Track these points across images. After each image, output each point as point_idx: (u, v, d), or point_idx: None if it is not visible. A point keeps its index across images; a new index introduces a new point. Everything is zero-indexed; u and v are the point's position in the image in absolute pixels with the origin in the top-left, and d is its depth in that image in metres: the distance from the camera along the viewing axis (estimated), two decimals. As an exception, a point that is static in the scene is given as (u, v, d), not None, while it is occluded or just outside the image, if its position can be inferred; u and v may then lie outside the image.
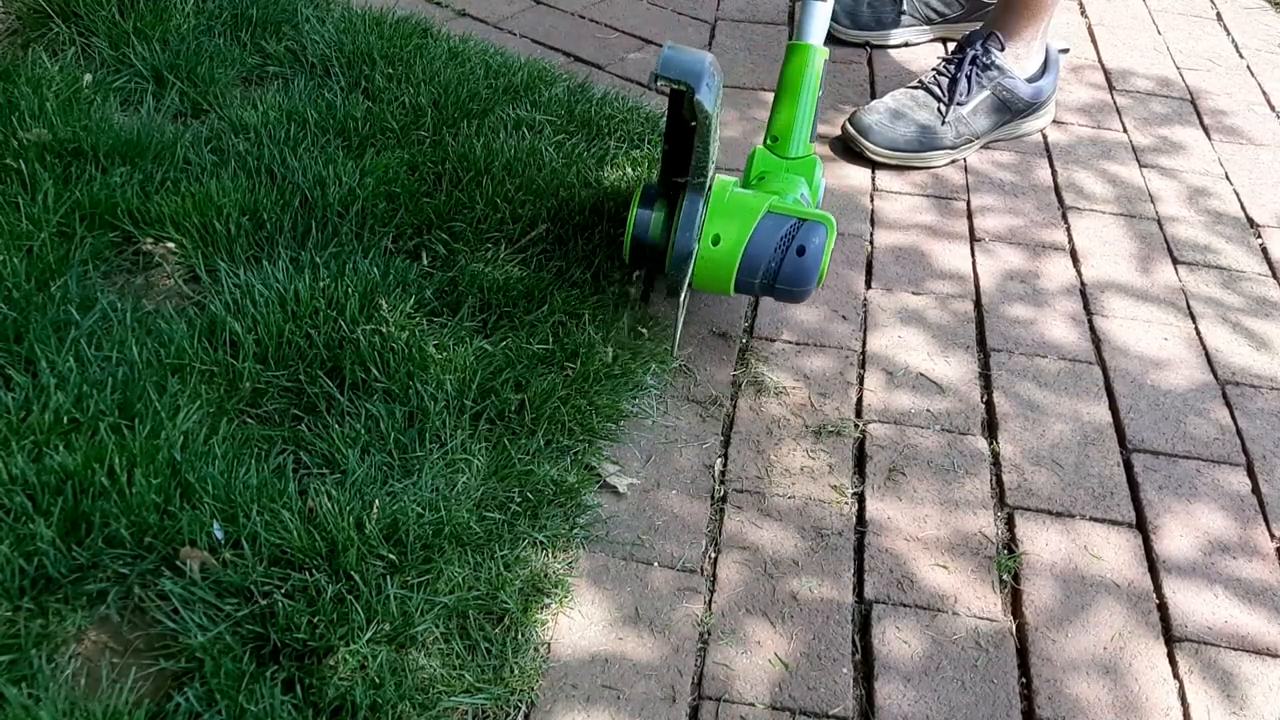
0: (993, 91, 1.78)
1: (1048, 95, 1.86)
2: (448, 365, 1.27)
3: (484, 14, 2.06)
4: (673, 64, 1.15)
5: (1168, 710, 1.06)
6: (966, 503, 1.24)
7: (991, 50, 1.78)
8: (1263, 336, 1.52)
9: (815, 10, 1.38)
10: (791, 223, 1.27)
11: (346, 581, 1.04)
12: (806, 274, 1.28)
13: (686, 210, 1.25)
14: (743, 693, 1.04)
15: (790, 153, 1.39)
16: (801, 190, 1.36)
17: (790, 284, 1.28)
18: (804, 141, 1.39)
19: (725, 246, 1.27)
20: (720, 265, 1.27)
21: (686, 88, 1.14)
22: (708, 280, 1.29)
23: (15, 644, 0.97)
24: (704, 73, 1.14)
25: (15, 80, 1.60)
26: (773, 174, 1.38)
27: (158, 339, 1.26)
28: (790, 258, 1.27)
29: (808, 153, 1.40)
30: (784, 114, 1.38)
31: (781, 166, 1.38)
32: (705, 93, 1.14)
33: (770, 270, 1.27)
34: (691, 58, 1.16)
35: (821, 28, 1.38)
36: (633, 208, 1.33)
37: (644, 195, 1.34)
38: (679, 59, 1.15)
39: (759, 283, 1.29)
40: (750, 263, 1.27)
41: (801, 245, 1.26)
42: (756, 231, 1.27)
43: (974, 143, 1.81)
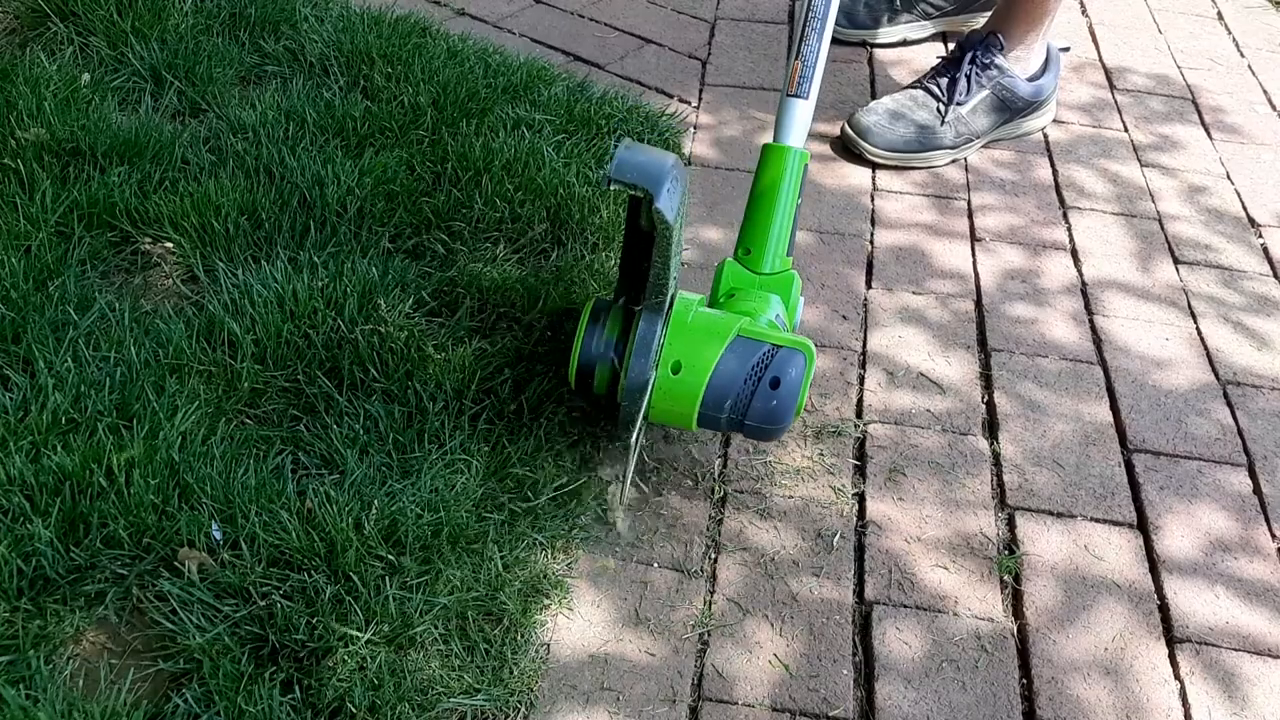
0: (992, 91, 1.77)
1: (1048, 94, 1.85)
2: (447, 365, 1.27)
3: (483, 13, 2.06)
4: (628, 166, 0.99)
5: (1169, 711, 1.06)
6: (967, 503, 1.24)
7: (991, 50, 1.77)
8: (1264, 336, 1.51)
9: (795, 109, 1.24)
10: (765, 349, 1.10)
11: (345, 582, 1.04)
12: (781, 411, 1.10)
13: (643, 332, 1.10)
14: (743, 693, 1.04)
15: (764, 268, 1.22)
16: (776, 311, 1.20)
17: (761, 421, 1.11)
18: (780, 255, 1.22)
19: (687, 375, 1.09)
20: (681, 397, 1.10)
21: (644, 194, 0.98)
22: (666, 413, 1.12)
23: (13, 645, 0.97)
24: (664, 176, 0.99)
25: (13, 79, 1.60)
26: (744, 291, 1.21)
27: (156, 339, 1.25)
28: (763, 391, 1.09)
29: (785, 268, 1.23)
30: (758, 224, 1.22)
31: (754, 283, 1.22)
32: (665, 200, 0.99)
33: (740, 404, 1.10)
34: (649, 159, 1.01)
35: (802, 128, 1.24)
36: (580, 326, 1.16)
37: (594, 312, 1.17)
38: (635, 160, 1.00)
39: (725, 418, 1.11)
40: (716, 395, 1.10)
41: (776, 376, 1.09)
42: (724, 359, 1.09)
43: (974, 142, 1.80)
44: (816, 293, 1.51)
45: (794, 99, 1.25)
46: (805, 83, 1.25)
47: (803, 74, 1.26)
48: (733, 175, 1.71)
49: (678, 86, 1.92)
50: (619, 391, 1.13)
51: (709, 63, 2.00)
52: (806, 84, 1.25)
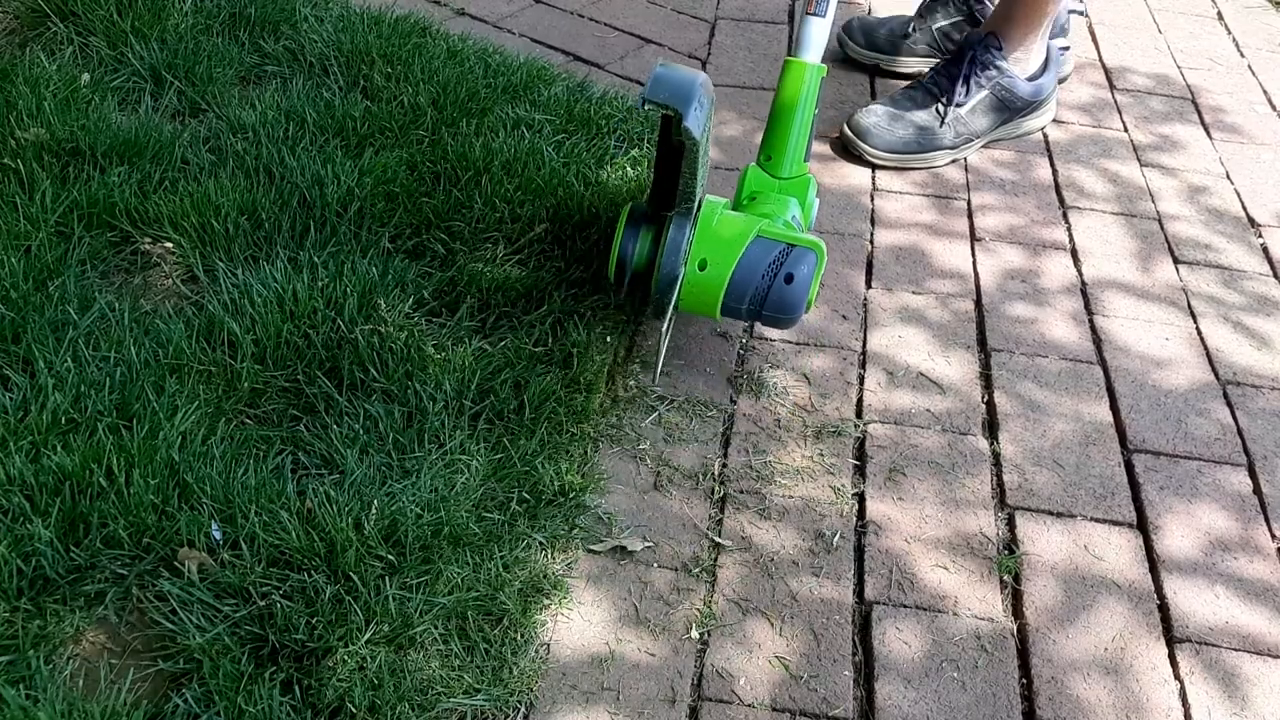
0: (991, 91, 1.77)
1: (1048, 93, 1.84)
2: (446, 365, 1.27)
3: (483, 13, 2.06)
4: (662, 86, 1.11)
5: (1169, 711, 1.06)
6: (967, 503, 1.24)
7: (990, 50, 1.76)
8: (1264, 336, 1.51)
9: (813, 26, 1.35)
10: (780, 248, 1.25)
11: (345, 582, 1.04)
12: (794, 302, 1.25)
13: (672, 235, 1.24)
14: (743, 693, 1.04)
15: (783, 172, 1.35)
16: (793, 212, 1.34)
17: (777, 311, 1.26)
18: (798, 161, 1.35)
19: (712, 272, 1.24)
20: (706, 290, 1.25)
21: (674, 113, 1.11)
22: (694, 304, 1.27)
23: (13, 645, 0.97)
24: (693, 96, 1.11)
25: (13, 79, 1.60)
26: (764, 194, 1.35)
27: (156, 339, 1.25)
28: (778, 285, 1.24)
29: (802, 172, 1.36)
30: (778, 132, 1.35)
31: (774, 186, 1.35)
32: (693, 118, 1.11)
33: (757, 297, 1.25)
34: (681, 79, 1.13)
35: (819, 44, 1.34)
36: (619, 229, 1.31)
37: (630, 216, 1.31)
38: (669, 80, 1.12)
39: (745, 308, 1.26)
40: (737, 288, 1.25)
41: (790, 273, 1.24)
42: (744, 257, 1.24)
43: (974, 142, 1.80)
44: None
45: (812, 17, 1.34)
46: (823, 3, 1.35)
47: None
48: (732, 175, 1.71)
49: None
50: (653, 284, 1.28)
51: (709, 63, 2.00)
52: (824, 4, 1.35)
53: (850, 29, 2.03)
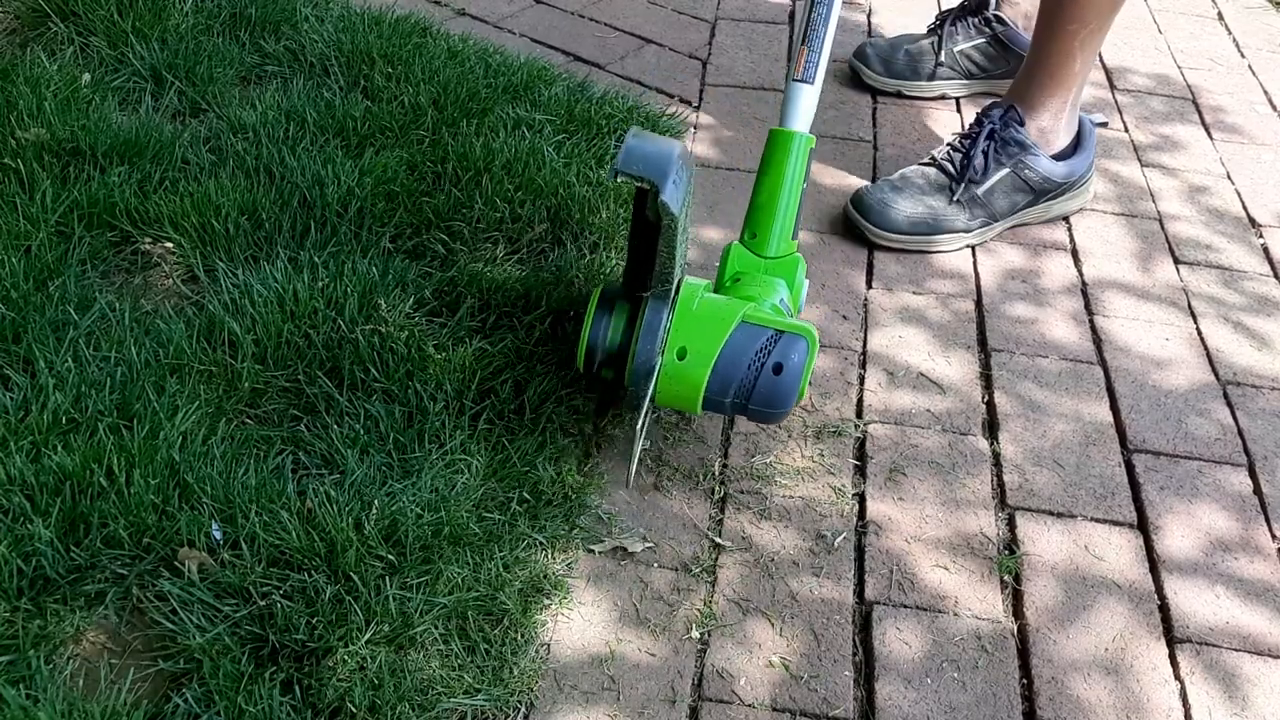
0: (1013, 170, 1.59)
1: (1082, 174, 1.65)
2: (447, 365, 1.27)
3: (483, 13, 2.06)
4: (636, 156, 1.01)
5: (1169, 711, 1.06)
6: (967, 503, 1.24)
7: (1010, 124, 1.59)
8: (1264, 336, 1.51)
9: (801, 94, 1.25)
10: (768, 335, 1.13)
11: (345, 582, 1.04)
12: (783, 395, 1.14)
13: (649, 318, 1.13)
14: (743, 693, 1.04)
15: (769, 251, 1.24)
16: (781, 295, 1.22)
17: (764, 405, 1.14)
18: (785, 239, 1.24)
19: (692, 361, 1.12)
20: (686, 382, 1.13)
21: (650, 186, 1.01)
22: (672, 397, 1.15)
23: (14, 644, 0.97)
24: (670, 168, 1.01)
25: (13, 79, 1.60)
26: (749, 275, 1.23)
27: (156, 339, 1.25)
28: (765, 376, 1.12)
29: (789, 251, 1.25)
30: (763, 208, 1.24)
31: (759, 266, 1.24)
32: (671, 191, 1.01)
33: (743, 389, 1.13)
34: (657, 149, 1.03)
35: (808, 113, 1.25)
36: (589, 313, 1.18)
37: (602, 298, 1.19)
38: (643, 150, 1.02)
39: (730, 402, 1.15)
40: (721, 380, 1.13)
41: (779, 362, 1.12)
42: (728, 345, 1.12)
43: (993, 225, 1.62)
44: (817, 293, 1.51)
45: (800, 84, 1.25)
46: (812, 67, 1.26)
47: (809, 59, 1.26)
48: (733, 175, 1.71)
49: (678, 86, 1.92)
50: (626, 375, 1.16)
51: (709, 63, 2.00)
52: (813, 69, 1.26)
53: (865, 56, 1.95)
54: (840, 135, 1.83)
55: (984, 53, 1.92)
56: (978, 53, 1.92)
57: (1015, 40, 1.89)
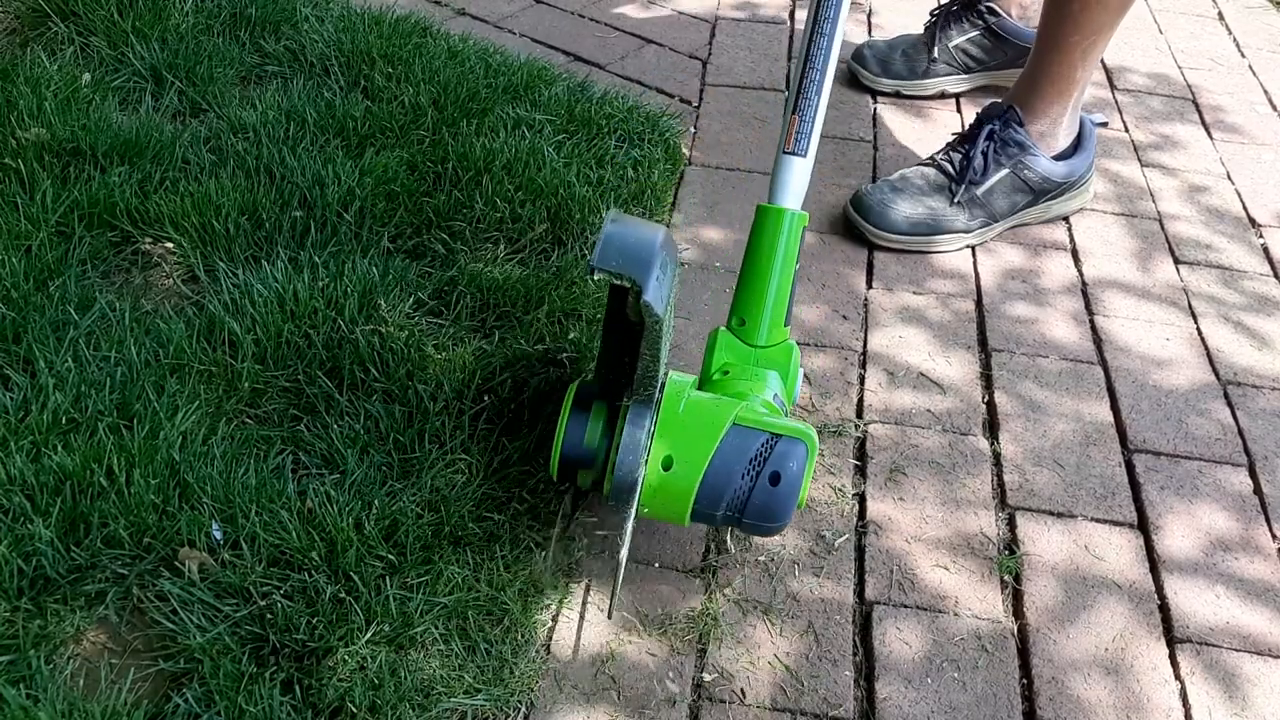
0: (1013, 170, 1.59)
1: (1081, 174, 1.65)
2: (447, 365, 1.27)
3: (484, 13, 2.06)
4: (615, 250, 0.90)
5: (1169, 711, 1.06)
6: (968, 503, 1.24)
7: (1010, 124, 1.59)
8: (1264, 336, 1.51)
9: (793, 167, 1.13)
10: (762, 440, 1.01)
11: (345, 582, 1.04)
12: (780, 507, 1.02)
13: (629, 429, 1.01)
14: (743, 694, 1.04)
15: (760, 340, 1.13)
16: (774, 389, 1.11)
17: (760, 518, 1.03)
18: (777, 325, 1.13)
19: (679, 471, 1.00)
20: (673, 495, 1.01)
21: (631, 284, 0.90)
22: (658, 510, 1.04)
23: (14, 644, 0.97)
24: (653, 262, 0.91)
25: (13, 79, 1.60)
26: (739, 367, 1.12)
27: (156, 339, 1.25)
28: (761, 487, 1.01)
29: (782, 339, 1.14)
30: (753, 292, 1.12)
31: (750, 357, 1.13)
32: (654, 289, 0.90)
33: (736, 501, 1.02)
34: (638, 240, 0.93)
35: (800, 188, 1.14)
36: (563, 416, 1.07)
37: (577, 399, 1.07)
38: (622, 242, 0.91)
39: (722, 514, 1.03)
40: (711, 492, 1.01)
41: (775, 471, 1.01)
42: (719, 452, 1.01)
43: (993, 226, 1.62)
44: (817, 292, 1.51)
45: (791, 156, 1.14)
46: (803, 139, 1.15)
47: (800, 129, 1.15)
48: (733, 175, 1.71)
49: (678, 86, 1.92)
50: (605, 488, 1.05)
51: (709, 62, 2.00)
52: (805, 140, 1.15)
53: (863, 58, 1.95)
54: (840, 135, 1.83)
55: (979, 45, 1.93)
56: (973, 45, 1.92)
57: (1009, 30, 1.91)
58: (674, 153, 1.72)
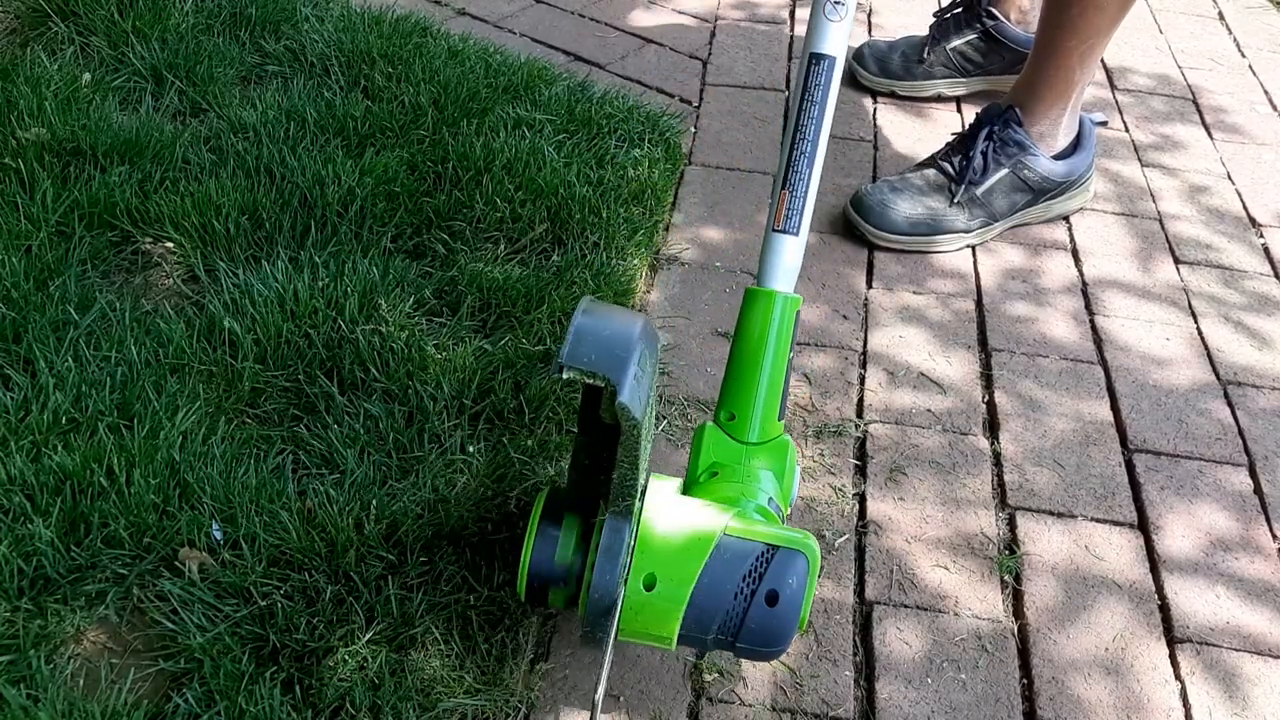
0: (1012, 170, 1.59)
1: (1081, 174, 1.65)
2: (447, 365, 1.27)
3: (484, 13, 2.06)
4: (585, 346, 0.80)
5: (1170, 711, 1.06)
6: (968, 503, 1.24)
7: (1009, 125, 1.59)
8: (1265, 336, 1.51)
9: (784, 247, 1.04)
10: (757, 554, 0.89)
11: (346, 582, 1.04)
12: (780, 630, 0.89)
13: (607, 541, 0.89)
14: (743, 694, 1.04)
15: (751, 436, 1.01)
16: (768, 492, 0.99)
17: (756, 643, 0.90)
18: (770, 419, 1.02)
19: (663, 591, 0.88)
20: (656, 617, 0.89)
21: (605, 384, 0.79)
22: (639, 633, 0.91)
23: (14, 644, 0.97)
24: (629, 360, 0.80)
25: (14, 79, 1.60)
26: (729, 467, 1.00)
27: (156, 339, 1.25)
28: (757, 607, 0.88)
29: (775, 434, 1.02)
30: (743, 384, 1.01)
31: (740, 454, 1.01)
32: (631, 390, 0.79)
33: (729, 624, 0.89)
34: (613, 334, 0.82)
35: (791, 269, 1.04)
36: (531, 526, 0.94)
37: (547, 508, 0.95)
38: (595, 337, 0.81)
39: (713, 639, 0.90)
40: (699, 614, 0.89)
41: (773, 589, 0.88)
42: (708, 569, 0.88)
43: (993, 225, 1.62)
44: (817, 292, 1.51)
45: (781, 235, 1.05)
46: (795, 216, 1.05)
47: (790, 205, 1.06)
48: (733, 175, 1.71)
49: (678, 86, 1.92)
50: (580, 607, 0.94)
51: (709, 62, 2.00)
52: (796, 217, 1.05)
53: (862, 57, 1.96)
54: (840, 135, 1.83)
55: (976, 48, 1.92)
56: (971, 49, 1.92)
57: (1006, 34, 1.90)
58: (674, 152, 1.72)
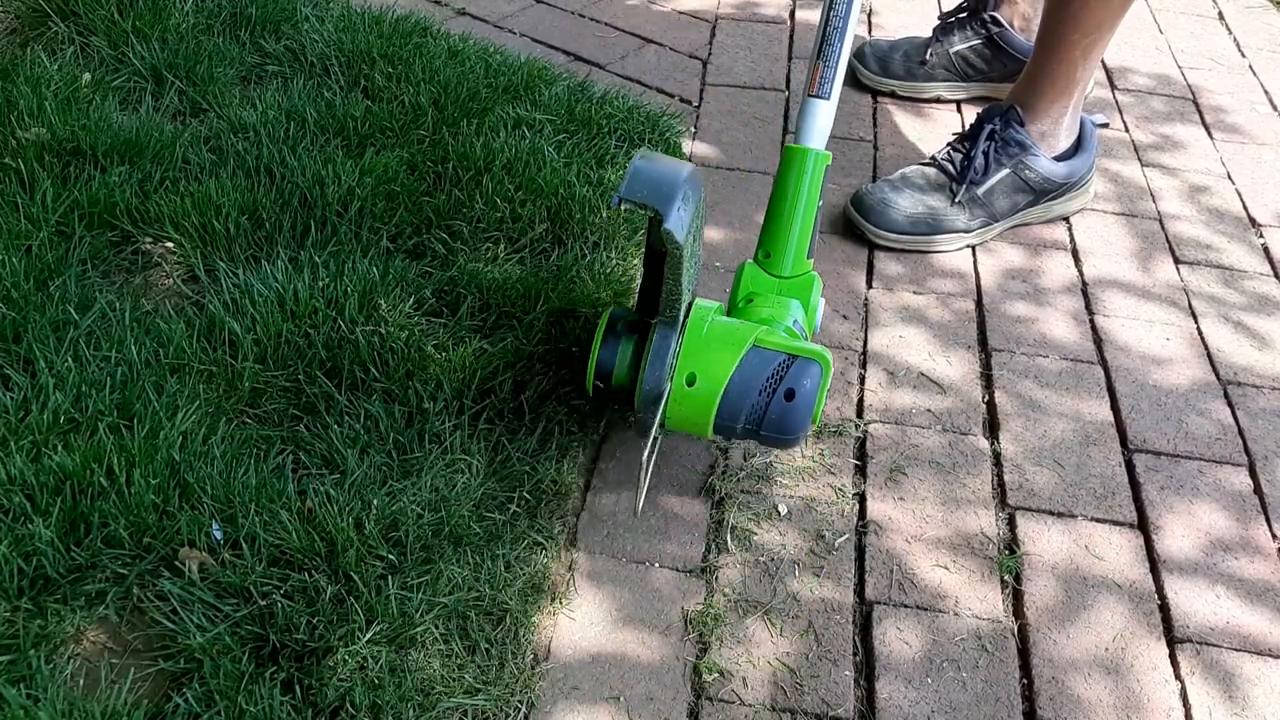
0: (1013, 170, 1.59)
1: (1083, 174, 1.65)
2: (447, 365, 1.27)
3: (484, 13, 2.06)
4: (641, 182, 1.00)
5: (1169, 711, 1.06)
6: (968, 503, 1.24)
7: (1011, 124, 1.59)
8: (1264, 336, 1.51)
9: (817, 110, 1.23)
10: (780, 360, 1.10)
11: (346, 582, 1.04)
12: (796, 421, 1.10)
13: (657, 344, 1.11)
14: (743, 693, 1.04)
15: (783, 271, 1.22)
16: (795, 316, 1.20)
17: (776, 431, 1.11)
18: (800, 258, 1.22)
19: (702, 387, 1.10)
20: (696, 408, 1.11)
21: (654, 213, 0.99)
22: (681, 422, 1.13)
23: (14, 644, 0.97)
24: (675, 193, 0.99)
25: (14, 79, 1.60)
26: (763, 295, 1.21)
27: (156, 339, 1.25)
28: (777, 402, 1.10)
29: (804, 270, 1.23)
30: (777, 227, 1.22)
31: (773, 287, 1.22)
32: (675, 218, 0.99)
33: (754, 415, 1.10)
34: (662, 173, 1.01)
35: (824, 130, 1.23)
36: (597, 337, 1.17)
37: (610, 323, 1.18)
38: (648, 175, 1.01)
39: (741, 427, 1.12)
40: (731, 406, 1.10)
41: (791, 388, 1.09)
42: (739, 370, 1.10)
43: (993, 225, 1.62)
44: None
45: (816, 100, 1.23)
46: (827, 84, 1.24)
47: (824, 75, 1.24)
48: (733, 175, 1.71)
49: (678, 86, 1.92)
50: (635, 401, 1.14)
51: (710, 62, 2.00)
52: (828, 85, 1.24)
53: (863, 56, 1.96)
54: (840, 135, 1.83)
55: (979, 54, 1.91)
56: (973, 54, 1.91)
57: (1010, 42, 1.89)
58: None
